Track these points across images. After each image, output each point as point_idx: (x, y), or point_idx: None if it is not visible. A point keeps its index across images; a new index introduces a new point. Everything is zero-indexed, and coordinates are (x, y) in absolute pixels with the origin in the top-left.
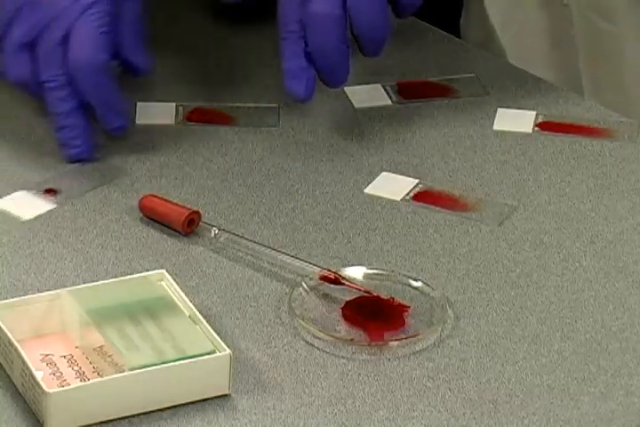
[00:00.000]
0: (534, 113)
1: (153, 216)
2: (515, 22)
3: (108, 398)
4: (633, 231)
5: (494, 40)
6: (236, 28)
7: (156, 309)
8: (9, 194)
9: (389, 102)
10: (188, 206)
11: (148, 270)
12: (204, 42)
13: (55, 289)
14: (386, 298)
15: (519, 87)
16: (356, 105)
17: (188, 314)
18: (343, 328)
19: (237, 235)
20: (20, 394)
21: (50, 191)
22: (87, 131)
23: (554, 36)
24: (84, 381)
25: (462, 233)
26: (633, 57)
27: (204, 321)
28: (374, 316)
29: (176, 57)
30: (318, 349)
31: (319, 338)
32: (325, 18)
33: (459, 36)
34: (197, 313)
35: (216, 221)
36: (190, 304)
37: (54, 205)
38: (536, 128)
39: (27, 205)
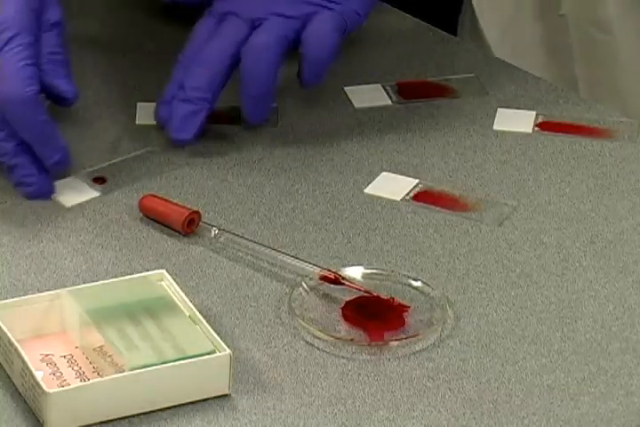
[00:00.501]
0: (534, 113)
1: (153, 216)
2: (511, 33)
3: (108, 398)
4: (633, 231)
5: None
6: None
7: (156, 309)
8: (57, 180)
9: (389, 102)
10: (188, 206)
11: (148, 270)
12: None
13: (55, 289)
14: (386, 298)
15: (519, 87)
16: (356, 105)
17: (187, 314)
18: (343, 328)
19: (237, 235)
20: (19, 394)
21: (98, 180)
22: (39, 166)
23: (550, 46)
24: (84, 381)
25: (462, 233)
26: (628, 64)
27: (204, 321)
28: (374, 316)
29: (176, 58)
30: (318, 349)
31: (319, 338)
32: (259, 48)
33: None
34: (197, 313)
35: (216, 221)
36: (190, 304)
37: (98, 194)
38: (536, 128)
39: (73, 192)
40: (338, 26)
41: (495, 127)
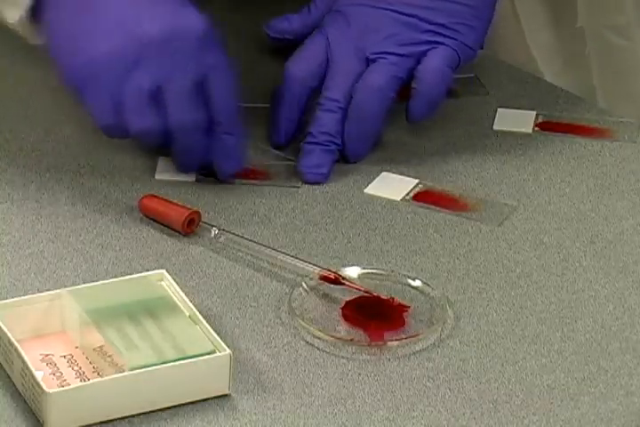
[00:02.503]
0: (534, 113)
1: (153, 216)
2: (527, 43)
3: (108, 398)
4: (633, 231)
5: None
6: (237, 28)
7: (155, 309)
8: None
9: None
10: (188, 206)
11: (148, 270)
12: None
13: (55, 289)
14: (386, 298)
15: (519, 87)
16: None
17: (187, 314)
18: (343, 328)
19: (237, 235)
20: (20, 394)
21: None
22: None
23: (566, 56)
24: (84, 381)
25: (462, 233)
26: None
27: (204, 321)
28: (374, 316)
29: None
30: (318, 349)
31: (319, 338)
32: (374, 89)
33: None
34: (197, 313)
35: (216, 221)
36: (190, 304)
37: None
38: (536, 128)
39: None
40: (451, 62)
41: (495, 127)
